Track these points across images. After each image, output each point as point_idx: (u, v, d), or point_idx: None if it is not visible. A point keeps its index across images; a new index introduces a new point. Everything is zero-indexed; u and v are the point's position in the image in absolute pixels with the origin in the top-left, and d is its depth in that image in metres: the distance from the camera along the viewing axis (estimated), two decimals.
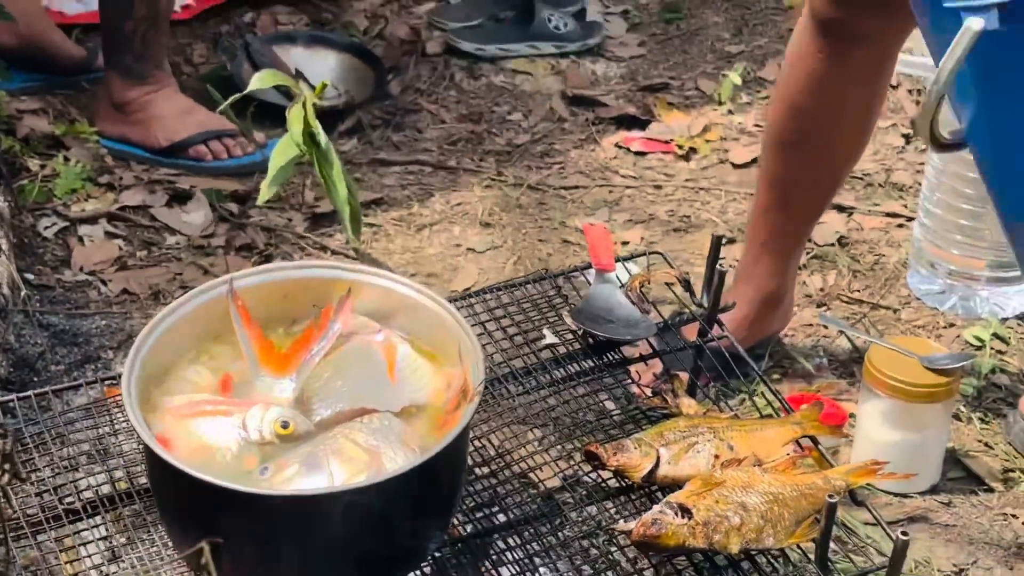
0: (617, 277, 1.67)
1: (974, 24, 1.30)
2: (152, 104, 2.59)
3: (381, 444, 1.36)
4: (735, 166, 2.71)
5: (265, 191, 2.18)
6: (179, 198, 2.53)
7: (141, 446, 1.42)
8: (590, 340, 1.62)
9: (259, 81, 2.19)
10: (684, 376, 1.62)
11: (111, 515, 1.48)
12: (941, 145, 1.42)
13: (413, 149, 2.73)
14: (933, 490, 1.98)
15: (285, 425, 1.37)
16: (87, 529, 1.47)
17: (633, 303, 1.63)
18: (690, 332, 1.69)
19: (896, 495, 1.97)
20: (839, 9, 1.86)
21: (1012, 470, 2.02)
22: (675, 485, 1.43)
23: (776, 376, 2.16)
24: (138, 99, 2.58)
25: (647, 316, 1.61)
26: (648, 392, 1.61)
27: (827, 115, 1.96)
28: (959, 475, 2.01)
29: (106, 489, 1.48)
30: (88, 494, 1.48)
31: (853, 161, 2.09)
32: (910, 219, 2.52)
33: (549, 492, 1.50)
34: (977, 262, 2.30)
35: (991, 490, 1.98)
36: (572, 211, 2.57)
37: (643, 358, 1.63)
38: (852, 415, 2.04)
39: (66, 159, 2.57)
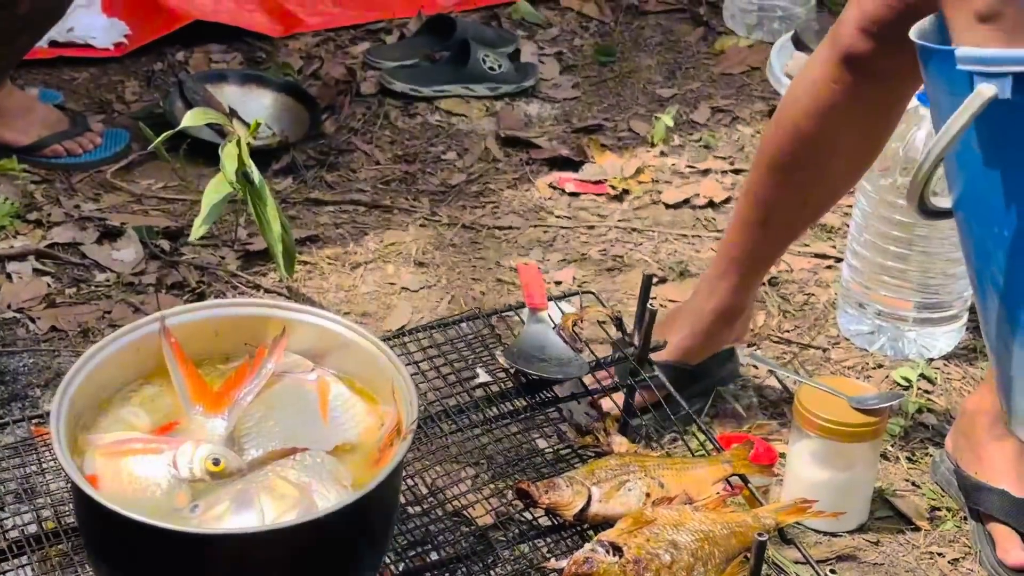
0: (550, 316, 1.68)
1: (986, 91, 1.23)
2: None
3: (313, 481, 1.36)
4: (667, 207, 2.74)
5: (197, 228, 2.19)
6: (109, 235, 2.51)
7: (69, 484, 1.40)
8: (523, 379, 1.62)
9: (192, 118, 2.21)
10: (616, 414, 1.63)
11: (37, 555, 1.46)
12: (928, 212, 1.37)
13: (347, 188, 2.73)
14: (861, 529, 2.00)
15: (216, 462, 1.37)
16: (11, 570, 1.45)
17: (565, 342, 1.64)
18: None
19: (825, 534, 1.99)
20: (870, 43, 1.79)
21: (939, 509, 2.04)
22: (607, 523, 1.44)
23: (706, 418, 2.17)
24: None
25: (579, 355, 1.62)
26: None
27: (828, 145, 1.92)
28: (887, 514, 2.03)
29: (32, 529, 1.46)
30: (14, 533, 1.46)
31: (841, 193, 2.08)
32: (838, 260, 2.55)
33: (482, 530, 1.50)
34: (905, 303, 2.34)
35: (918, 529, 2.00)
36: (506, 251, 2.58)
37: (575, 396, 1.64)
38: (782, 455, 2.06)
39: None
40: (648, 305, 1.62)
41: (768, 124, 2.06)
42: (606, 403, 1.70)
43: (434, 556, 1.47)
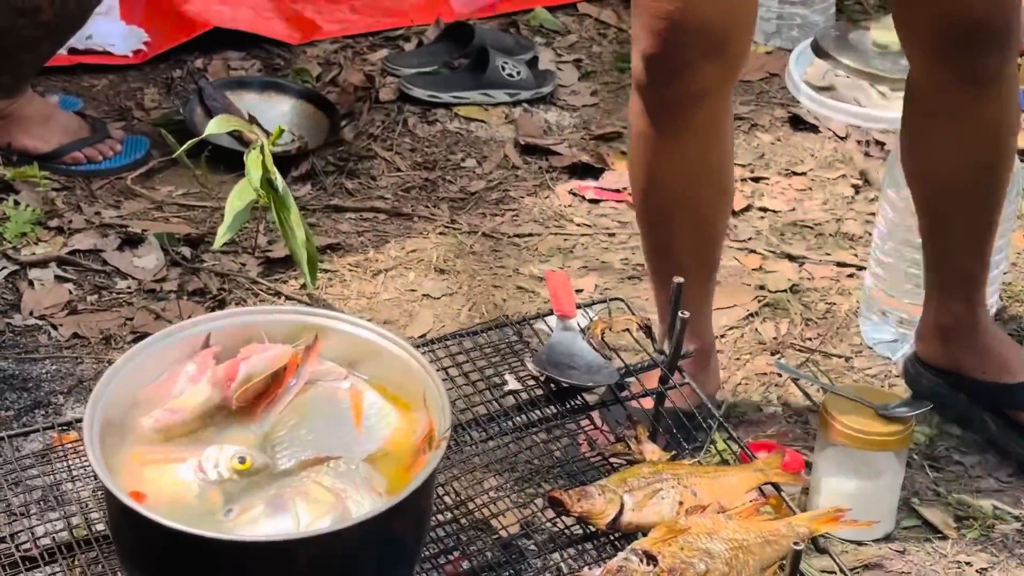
0: (578, 324, 1.67)
1: None
2: (15, 112, 2.62)
3: (347, 488, 1.35)
4: None
5: (221, 236, 2.18)
6: (131, 242, 2.51)
7: (100, 492, 1.40)
8: (552, 386, 1.62)
9: (215, 126, 2.20)
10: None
11: (68, 562, 1.46)
12: None
13: (367, 196, 2.73)
14: (888, 538, 2.00)
15: (242, 460, 1.37)
16: None
17: (595, 349, 1.63)
18: (651, 379, 1.69)
19: (851, 542, 1.98)
20: (670, 71, 1.83)
21: (965, 518, 2.03)
22: (639, 532, 1.43)
23: (729, 425, 2.16)
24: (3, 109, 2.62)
25: (609, 362, 1.62)
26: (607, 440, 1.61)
27: (683, 183, 1.95)
28: (913, 523, 2.03)
29: (64, 536, 1.46)
30: (45, 541, 1.45)
31: (725, 222, 2.08)
32: (860, 268, 2.55)
33: (512, 538, 1.49)
34: None
35: (945, 538, 2.00)
36: (526, 258, 2.58)
37: (605, 404, 1.63)
38: (807, 463, 2.05)
39: (16, 203, 2.55)
40: (680, 312, 1.62)
41: (630, 191, 2.09)
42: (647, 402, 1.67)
43: (465, 565, 1.47)
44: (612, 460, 1.55)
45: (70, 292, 2.38)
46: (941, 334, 2.15)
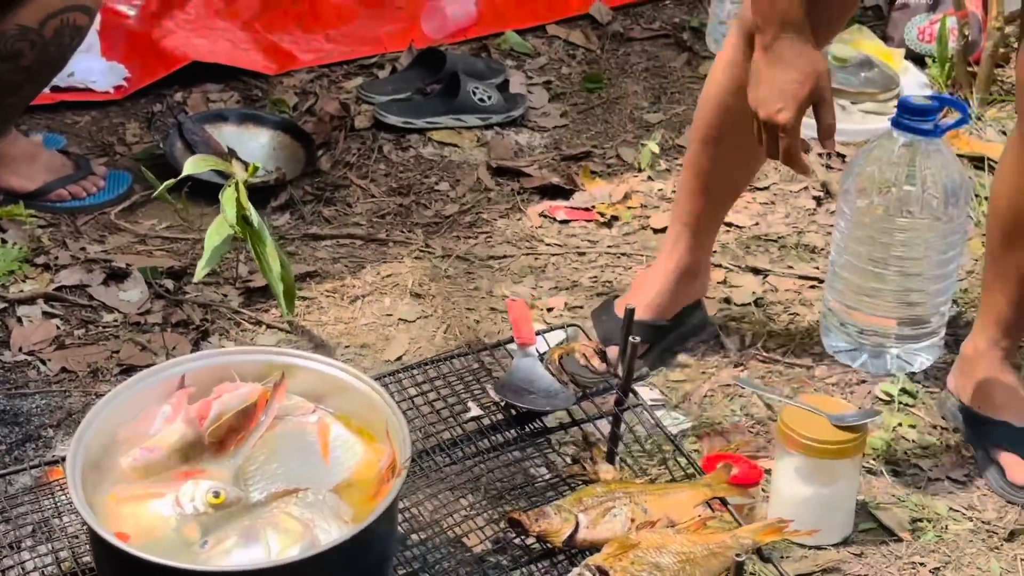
0: (537, 349, 1.76)
1: None
2: (0, 153, 2.71)
3: (315, 517, 1.44)
4: (655, 231, 2.82)
5: (201, 271, 2.28)
6: (115, 276, 2.60)
7: (85, 527, 1.48)
8: (512, 412, 1.70)
9: (192, 166, 2.30)
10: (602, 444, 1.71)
11: None
12: None
13: (344, 223, 2.82)
14: (845, 542, 2.08)
15: (216, 495, 1.46)
16: None
17: (553, 374, 1.72)
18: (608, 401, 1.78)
19: (811, 548, 2.07)
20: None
21: (920, 520, 2.12)
22: (594, 548, 1.52)
23: (693, 437, 2.26)
24: None
25: (566, 387, 1.71)
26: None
27: (747, 115, 2.09)
28: (870, 526, 2.11)
29: (52, 570, 1.54)
30: (35, 574, 1.54)
31: (763, 159, 2.29)
32: (821, 280, 2.64)
33: (476, 558, 1.58)
34: (885, 321, 2.42)
35: (900, 540, 2.08)
36: (499, 279, 2.66)
37: (563, 427, 1.72)
38: (768, 471, 2.14)
39: (3, 241, 2.63)
40: (630, 338, 1.70)
41: (698, 106, 2.32)
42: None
43: None
44: (569, 480, 1.64)
45: (57, 327, 2.47)
46: (960, 359, 2.30)
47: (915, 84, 3.26)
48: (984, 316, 2.24)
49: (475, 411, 1.71)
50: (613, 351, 1.81)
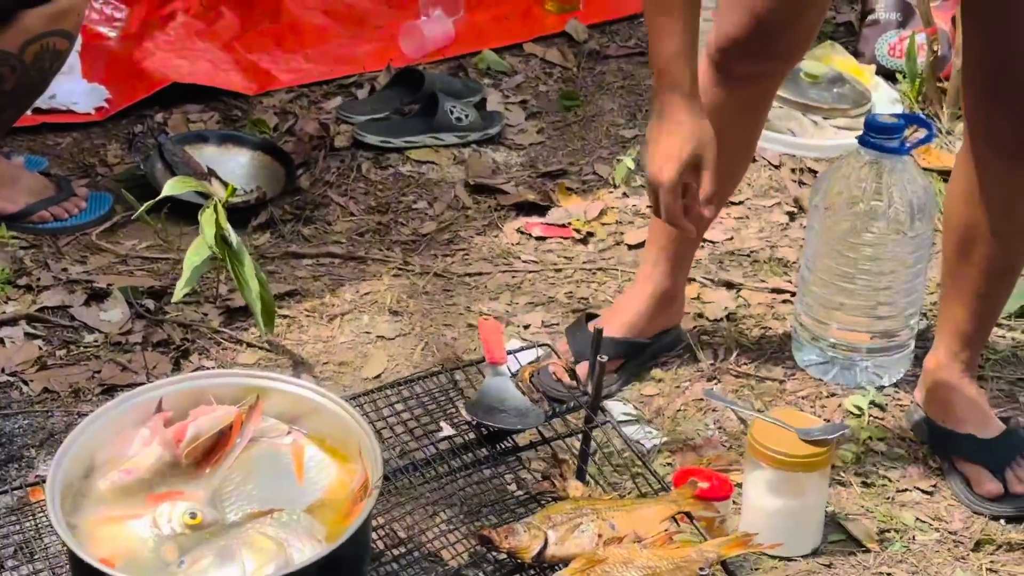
0: (508, 368, 1.80)
1: None
2: None
3: (290, 537, 1.48)
4: (630, 247, 2.86)
5: (180, 291, 2.31)
6: (97, 296, 2.63)
7: (65, 548, 1.52)
8: (483, 431, 1.74)
9: (171, 187, 2.34)
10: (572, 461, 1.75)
11: None
12: None
13: (323, 241, 2.85)
14: (815, 553, 2.12)
15: (193, 516, 1.50)
16: None
17: (523, 392, 1.76)
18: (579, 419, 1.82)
19: (781, 559, 2.11)
20: (729, 56, 2.17)
21: (887, 530, 2.16)
22: (563, 563, 1.56)
23: (667, 451, 2.29)
24: None
25: (536, 405, 1.75)
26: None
27: (718, 141, 2.15)
28: (839, 537, 2.15)
29: None
30: None
31: (735, 182, 2.43)
32: (793, 294, 2.68)
33: (450, 573, 1.62)
34: (855, 335, 2.46)
35: (868, 551, 2.13)
36: (476, 296, 2.70)
37: (533, 445, 1.76)
38: (739, 484, 2.18)
39: None
40: (599, 357, 1.74)
41: None
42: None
43: None
44: (539, 497, 1.67)
45: (40, 348, 2.50)
46: (923, 372, 2.35)
47: (886, 100, 3.31)
48: (943, 329, 2.28)
49: (448, 430, 1.75)
50: (585, 367, 1.85)
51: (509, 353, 1.82)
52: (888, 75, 3.45)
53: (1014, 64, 1.98)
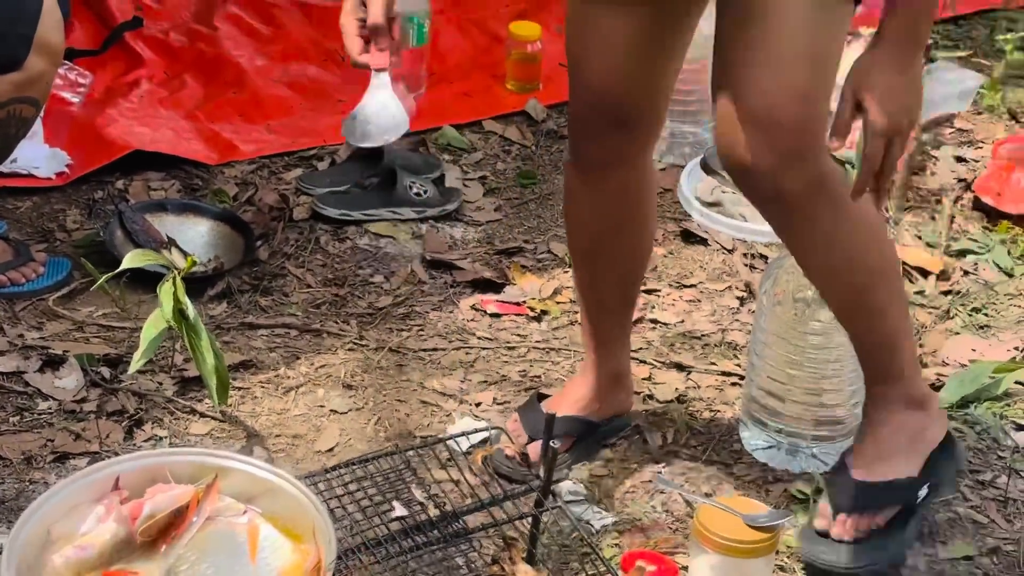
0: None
1: None
2: None
3: None
4: None
5: (136, 362, 2.33)
6: (52, 363, 2.64)
7: None
8: (437, 512, 1.77)
9: (131, 260, 2.37)
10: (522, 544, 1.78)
11: None
12: None
13: (280, 312, 2.88)
14: None
15: None
16: None
17: (476, 475, 1.79)
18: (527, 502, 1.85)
19: None
20: (584, 136, 2.23)
21: None
22: None
23: (615, 532, 2.33)
24: None
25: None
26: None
27: (599, 233, 2.30)
28: None
29: None
30: None
31: (642, 268, 2.46)
32: (742, 377, 2.72)
33: None
34: (801, 421, 2.50)
35: None
36: (430, 372, 2.73)
37: (484, 527, 1.79)
38: (685, 567, 2.21)
39: None
40: (551, 442, 1.78)
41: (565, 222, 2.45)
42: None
43: None
44: None
45: None
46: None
47: None
48: None
49: (400, 510, 1.78)
50: (537, 447, 1.88)
51: (462, 434, 1.85)
52: (839, 165, 3.52)
53: None
